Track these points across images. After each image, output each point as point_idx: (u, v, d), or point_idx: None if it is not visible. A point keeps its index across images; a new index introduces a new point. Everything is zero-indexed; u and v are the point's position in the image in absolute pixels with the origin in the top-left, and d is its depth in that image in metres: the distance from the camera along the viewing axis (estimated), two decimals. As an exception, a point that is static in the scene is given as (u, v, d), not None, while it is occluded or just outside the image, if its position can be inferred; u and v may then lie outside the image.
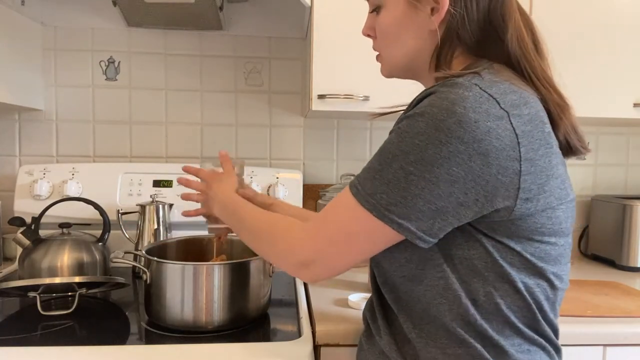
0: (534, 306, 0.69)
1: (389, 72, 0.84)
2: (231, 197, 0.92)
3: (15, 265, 1.44)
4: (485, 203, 0.64)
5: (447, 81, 0.67)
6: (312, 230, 0.73)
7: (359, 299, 1.11)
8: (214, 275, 0.99)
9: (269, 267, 1.08)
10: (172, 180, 1.52)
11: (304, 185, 1.63)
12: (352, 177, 1.54)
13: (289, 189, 1.55)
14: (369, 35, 0.83)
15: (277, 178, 1.56)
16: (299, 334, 0.98)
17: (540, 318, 0.70)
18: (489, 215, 0.65)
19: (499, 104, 0.63)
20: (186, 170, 1.04)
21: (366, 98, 1.34)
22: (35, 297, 1.05)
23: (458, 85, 0.65)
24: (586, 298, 1.19)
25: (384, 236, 0.67)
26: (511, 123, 0.63)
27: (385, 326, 0.77)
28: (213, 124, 1.68)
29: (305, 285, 1.29)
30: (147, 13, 1.48)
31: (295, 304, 1.16)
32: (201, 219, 1.06)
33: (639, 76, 1.42)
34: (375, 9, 0.79)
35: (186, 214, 1.05)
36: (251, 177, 1.54)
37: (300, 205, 1.56)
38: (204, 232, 1.27)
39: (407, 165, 0.63)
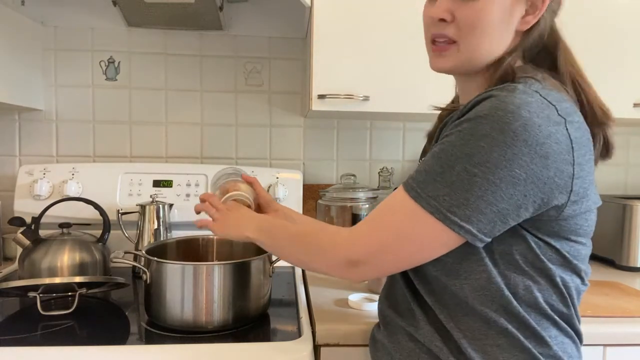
0: (568, 299, 0.73)
1: (456, 66, 0.77)
2: (262, 217, 0.91)
3: (15, 265, 1.44)
4: (542, 204, 0.67)
5: (506, 86, 0.69)
6: (361, 233, 0.73)
7: (359, 299, 1.11)
8: (214, 275, 0.99)
9: (269, 267, 1.08)
10: (172, 180, 1.52)
11: (304, 185, 1.63)
12: (351, 176, 1.55)
13: (289, 189, 1.55)
14: (442, 20, 0.74)
15: (277, 178, 1.56)
16: (299, 334, 0.98)
17: (573, 311, 0.74)
18: (540, 214, 0.68)
19: (557, 110, 0.67)
20: (205, 198, 0.98)
21: (366, 98, 1.34)
22: (35, 297, 1.05)
23: (519, 90, 0.67)
24: (586, 298, 1.19)
25: (441, 239, 0.68)
26: (567, 129, 0.67)
27: (423, 316, 0.76)
28: (213, 124, 1.68)
29: (305, 285, 1.29)
30: (147, 13, 1.48)
31: (295, 304, 1.16)
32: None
33: (639, 76, 1.42)
34: None
35: (200, 224, 0.96)
36: (251, 177, 1.54)
37: (300, 205, 1.56)
38: (203, 232, 1.27)
39: (471, 167, 0.65)
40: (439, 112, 0.88)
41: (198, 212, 0.98)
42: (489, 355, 0.71)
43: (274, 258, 1.10)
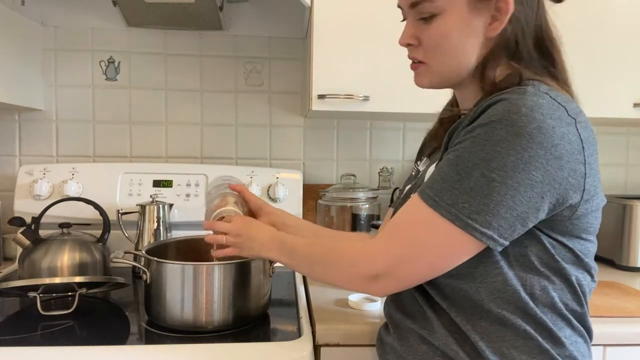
0: (582, 297, 0.74)
1: (433, 82, 0.80)
2: (280, 237, 0.89)
3: (15, 265, 1.44)
4: (557, 204, 0.67)
5: (515, 89, 0.69)
6: (380, 246, 0.73)
7: (359, 299, 1.11)
8: (214, 275, 0.99)
9: (269, 267, 1.08)
10: (172, 180, 1.52)
11: (304, 185, 1.63)
12: (351, 176, 1.55)
13: (289, 189, 1.55)
14: (408, 45, 0.79)
15: (277, 178, 1.56)
16: (299, 334, 0.98)
17: (586, 309, 0.75)
18: (555, 214, 0.68)
19: (567, 111, 0.67)
20: (210, 226, 0.98)
21: (366, 98, 1.34)
22: (35, 297, 1.05)
23: (530, 93, 0.67)
24: (586, 298, 1.19)
25: (462, 246, 0.68)
26: (577, 129, 0.67)
27: (437, 319, 0.76)
28: (213, 124, 1.68)
29: (305, 285, 1.29)
30: (147, 13, 1.48)
31: (295, 304, 1.16)
32: (200, 218, 1.06)
33: (639, 76, 1.42)
34: (427, 17, 0.75)
35: (216, 255, 0.97)
36: (251, 177, 1.54)
37: (300, 205, 1.56)
38: (203, 232, 1.26)
39: (489, 172, 0.65)
40: (438, 113, 0.88)
41: (209, 243, 0.97)
42: (506, 357, 0.70)
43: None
